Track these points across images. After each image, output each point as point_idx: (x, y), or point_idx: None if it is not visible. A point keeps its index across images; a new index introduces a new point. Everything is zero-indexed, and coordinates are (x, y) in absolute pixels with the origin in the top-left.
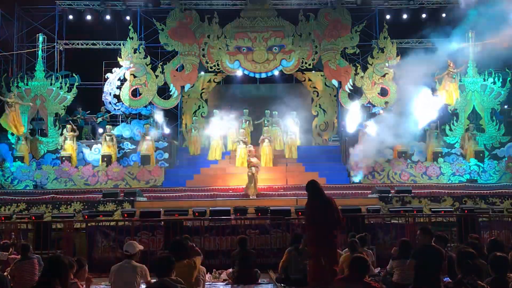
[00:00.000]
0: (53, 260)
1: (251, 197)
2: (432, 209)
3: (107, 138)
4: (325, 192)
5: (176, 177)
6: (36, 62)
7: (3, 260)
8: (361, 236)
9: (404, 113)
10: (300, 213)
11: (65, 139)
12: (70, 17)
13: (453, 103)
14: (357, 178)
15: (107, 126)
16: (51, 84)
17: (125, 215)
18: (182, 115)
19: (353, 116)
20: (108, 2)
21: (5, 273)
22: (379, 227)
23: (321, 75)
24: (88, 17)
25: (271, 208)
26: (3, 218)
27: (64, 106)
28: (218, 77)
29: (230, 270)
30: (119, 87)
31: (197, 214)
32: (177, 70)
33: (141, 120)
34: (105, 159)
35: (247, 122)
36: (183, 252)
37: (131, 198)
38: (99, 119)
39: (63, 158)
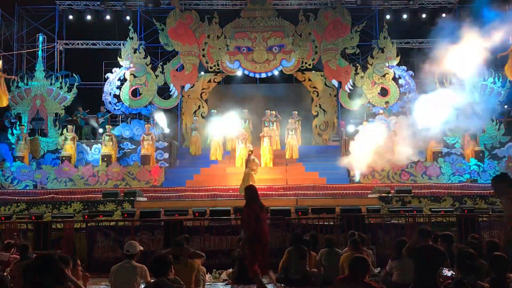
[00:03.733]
0: (44, 259)
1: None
2: (432, 209)
3: (107, 138)
4: (324, 192)
5: (176, 177)
6: (36, 62)
7: (4, 260)
8: (359, 236)
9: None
10: (300, 213)
11: (65, 139)
12: (70, 17)
13: None
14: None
15: (107, 126)
16: (51, 84)
17: (125, 215)
18: (182, 115)
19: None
20: (108, 2)
21: (5, 273)
22: (379, 227)
23: (321, 75)
24: (88, 17)
25: (271, 208)
26: (3, 218)
27: (64, 106)
28: (218, 77)
29: (230, 270)
30: (119, 87)
31: (197, 214)
32: (177, 70)
33: (141, 120)
34: (105, 159)
35: (247, 122)
36: (183, 254)
37: (131, 198)
38: (101, 120)
39: (63, 158)
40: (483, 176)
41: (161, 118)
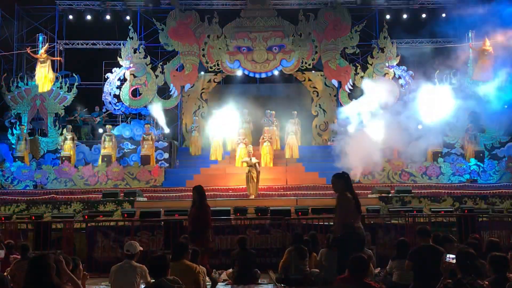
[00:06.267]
0: (37, 260)
1: (251, 197)
2: (432, 209)
3: (107, 138)
4: (324, 192)
5: (176, 177)
6: (36, 62)
7: (1, 257)
8: None
9: None
10: (300, 213)
11: (65, 139)
12: (70, 17)
13: None
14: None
15: (107, 126)
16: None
17: (125, 215)
18: (182, 115)
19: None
20: (108, 2)
21: (5, 273)
22: (379, 227)
23: (321, 75)
24: (88, 17)
25: (271, 208)
26: (3, 218)
27: (64, 106)
28: (218, 77)
29: (230, 270)
30: (119, 87)
31: None
32: (177, 70)
33: (141, 120)
34: (105, 159)
35: (247, 122)
36: (184, 253)
37: (131, 198)
38: (98, 119)
39: (63, 158)
40: (483, 176)
41: (159, 116)
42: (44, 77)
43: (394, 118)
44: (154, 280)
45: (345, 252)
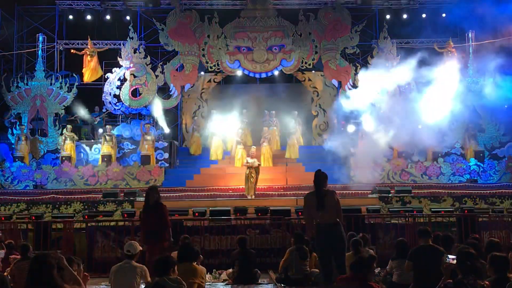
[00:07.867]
0: (38, 260)
1: (248, 197)
2: (432, 209)
3: (107, 138)
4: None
5: (176, 177)
6: (36, 62)
7: (1, 258)
8: (361, 237)
9: None
10: (300, 213)
11: (65, 139)
12: (70, 17)
13: None
14: None
15: (107, 126)
16: (51, 84)
17: (125, 215)
18: (182, 115)
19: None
20: (108, 2)
21: (5, 273)
22: (379, 227)
23: (321, 75)
24: (88, 17)
25: (271, 208)
26: (3, 218)
27: (64, 106)
28: (218, 77)
29: (230, 270)
30: (119, 87)
31: (197, 214)
32: (177, 70)
33: (141, 120)
34: (105, 159)
35: (247, 122)
36: (191, 254)
37: (131, 198)
38: (98, 119)
39: (63, 158)
40: (483, 176)
41: (159, 115)
42: (93, 69)
43: (394, 115)
44: (155, 280)
45: (320, 251)
